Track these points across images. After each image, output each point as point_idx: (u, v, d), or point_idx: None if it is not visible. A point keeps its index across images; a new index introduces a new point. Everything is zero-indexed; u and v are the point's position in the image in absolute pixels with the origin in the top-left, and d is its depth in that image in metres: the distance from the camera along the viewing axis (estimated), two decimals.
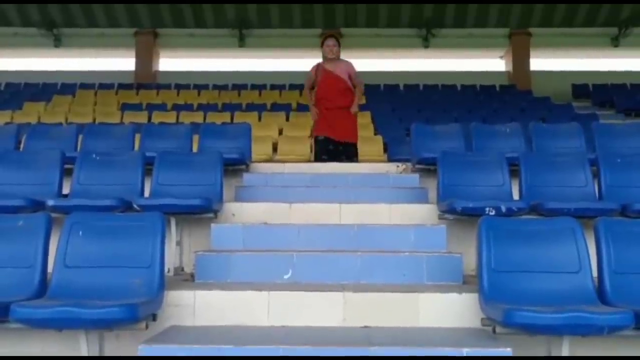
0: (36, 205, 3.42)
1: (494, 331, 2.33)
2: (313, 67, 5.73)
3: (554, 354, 2.30)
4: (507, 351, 2.11)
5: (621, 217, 3.38)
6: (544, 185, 3.81)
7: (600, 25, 14.35)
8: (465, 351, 2.14)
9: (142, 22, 14.28)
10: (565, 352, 2.24)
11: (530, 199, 3.60)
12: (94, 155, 3.96)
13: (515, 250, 2.56)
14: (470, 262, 3.29)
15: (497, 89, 13.39)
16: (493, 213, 3.29)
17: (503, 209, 3.31)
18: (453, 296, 2.68)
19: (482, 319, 2.46)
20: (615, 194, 3.68)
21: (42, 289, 2.49)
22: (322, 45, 5.67)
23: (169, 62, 14.95)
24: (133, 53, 14.48)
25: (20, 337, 2.56)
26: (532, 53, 14.57)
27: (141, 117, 9.18)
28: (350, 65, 5.66)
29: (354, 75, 5.61)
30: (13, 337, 2.54)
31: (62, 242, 2.57)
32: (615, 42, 14.66)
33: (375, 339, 2.34)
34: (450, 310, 2.65)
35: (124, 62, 14.55)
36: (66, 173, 4.09)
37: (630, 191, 3.68)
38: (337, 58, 5.63)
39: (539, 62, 14.59)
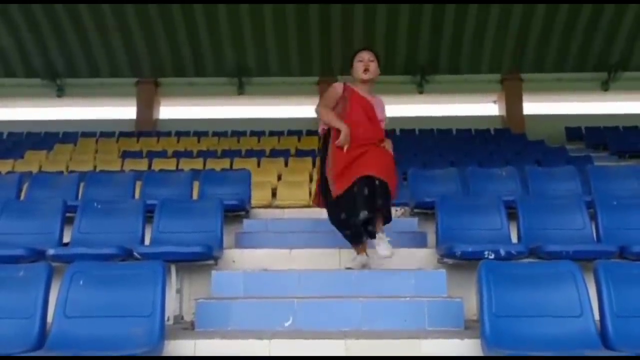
0: (36, 255, 3.43)
1: None
2: (339, 84, 3.74)
3: None
4: None
5: (620, 260, 3.40)
6: (542, 228, 3.83)
7: (591, 70, 14.69)
8: None
9: (143, 72, 14.60)
10: None
11: (528, 242, 3.63)
12: (95, 204, 3.99)
13: (516, 294, 2.56)
14: (470, 306, 3.29)
15: (492, 132, 13.58)
16: (492, 257, 3.31)
17: (502, 252, 3.33)
18: (455, 342, 2.66)
19: None
20: (613, 236, 3.71)
21: (41, 340, 2.47)
22: (351, 64, 3.77)
23: (170, 110, 15.19)
24: (134, 102, 14.73)
25: None
26: (524, 97, 14.86)
27: (142, 165, 9.26)
28: (381, 101, 3.89)
29: (385, 118, 3.86)
30: None
31: (63, 292, 2.57)
32: (605, 86, 14.98)
33: None
34: (453, 356, 2.63)
35: (125, 111, 14.78)
36: (67, 221, 4.11)
37: (628, 233, 3.71)
38: (373, 82, 3.77)
39: (532, 106, 14.87)
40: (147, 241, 3.91)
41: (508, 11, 13.47)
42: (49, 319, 2.55)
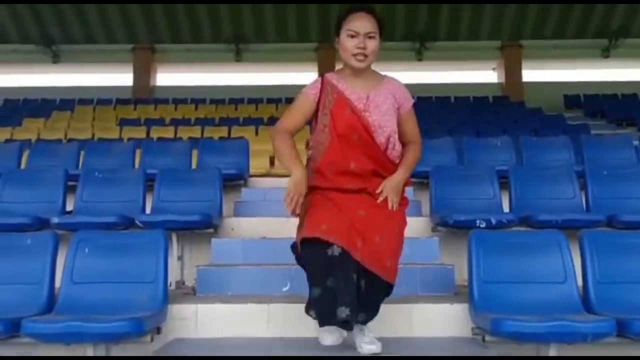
0: (41, 223, 3.53)
1: (483, 340, 2.43)
2: (314, 86, 2.41)
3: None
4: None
5: (607, 228, 3.51)
6: (533, 197, 3.93)
7: (591, 37, 14.58)
8: None
9: (139, 38, 14.45)
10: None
11: (519, 211, 3.73)
12: (96, 173, 4.07)
13: (504, 261, 2.67)
14: (462, 272, 3.40)
15: (491, 100, 13.57)
16: (484, 225, 3.42)
17: (493, 221, 3.43)
18: (445, 307, 2.79)
19: (472, 328, 2.57)
20: (602, 206, 3.81)
21: (50, 304, 2.59)
22: (337, 32, 2.43)
23: (167, 77, 15.10)
24: (131, 68, 14.64)
25: (28, 352, 2.65)
26: (524, 64, 14.79)
27: (139, 133, 9.29)
28: (398, 85, 2.51)
29: (405, 104, 2.48)
30: (22, 351, 2.63)
31: (69, 259, 2.67)
32: (605, 53, 14.89)
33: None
34: (443, 320, 2.75)
35: (121, 78, 14.69)
36: (69, 190, 4.20)
37: (617, 202, 3.81)
38: (369, 66, 2.42)
39: (531, 74, 14.81)
40: (147, 210, 4.01)
41: None
42: (57, 284, 2.66)
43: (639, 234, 2.80)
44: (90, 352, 2.38)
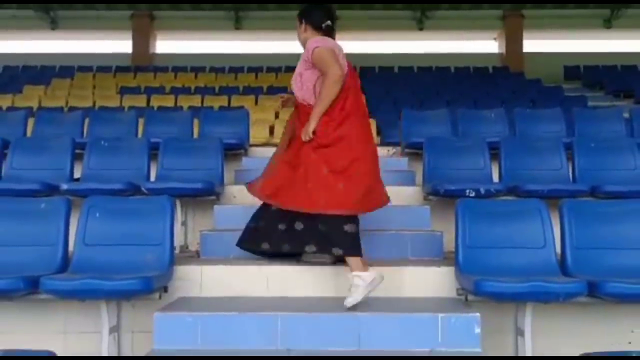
0: (51, 189, 3.70)
1: (466, 299, 2.64)
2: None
3: (519, 318, 2.61)
4: (476, 315, 2.42)
5: (591, 198, 3.68)
6: (522, 168, 4.09)
7: (593, 7, 14.49)
8: (440, 316, 2.45)
9: (138, 4, 14.36)
10: (528, 317, 2.55)
11: (508, 181, 3.90)
12: (102, 142, 4.23)
13: (488, 228, 2.86)
14: (451, 239, 3.59)
15: (490, 70, 13.60)
16: (473, 195, 3.59)
17: (482, 191, 3.60)
18: (433, 269, 2.99)
19: (457, 289, 2.77)
20: (588, 177, 3.98)
21: (64, 264, 2.79)
22: None
23: (166, 45, 15.08)
24: (130, 35, 14.61)
25: (44, 308, 2.86)
26: (525, 35, 14.75)
27: (140, 101, 9.40)
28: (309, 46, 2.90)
29: (306, 53, 2.90)
30: (39, 307, 2.84)
31: (82, 223, 2.86)
32: (607, 24, 14.85)
33: (363, 307, 2.64)
34: (431, 282, 2.95)
35: (120, 45, 14.68)
36: (75, 158, 4.36)
37: (601, 174, 3.97)
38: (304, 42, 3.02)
39: (532, 44, 14.79)
40: (152, 177, 4.17)
41: None
42: (70, 247, 2.85)
43: (614, 202, 2.99)
44: (103, 309, 2.58)
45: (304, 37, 2.99)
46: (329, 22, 2.99)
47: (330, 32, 2.99)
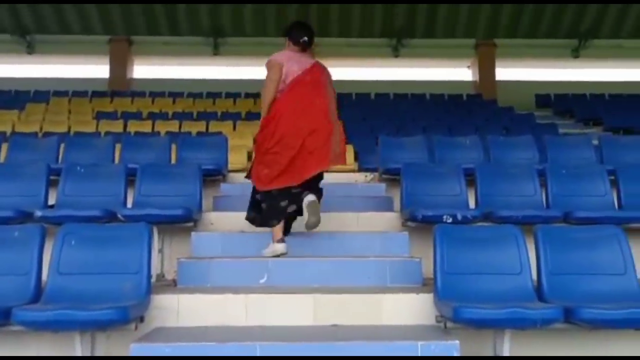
0: (24, 216, 3.63)
1: (445, 326, 2.65)
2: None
3: (498, 345, 2.63)
4: (455, 343, 2.43)
5: (564, 224, 3.76)
6: (497, 194, 4.17)
7: (562, 37, 14.99)
8: (420, 344, 2.45)
9: (116, 29, 14.36)
10: (507, 344, 2.57)
11: (484, 207, 3.96)
12: (78, 168, 4.17)
13: (466, 254, 2.89)
14: (430, 265, 3.62)
15: (464, 98, 13.89)
16: (450, 221, 3.63)
17: (459, 217, 3.65)
18: (412, 296, 2.99)
19: (436, 316, 2.78)
20: (560, 203, 4.07)
21: (37, 294, 2.72)
22: None
23: (143, 70, 15.04)
24: (107, 60, 14.54)
25: (17, 340, 2.77)
26: (497, 63, 15.15)
27: (117, 126, 9.31)
28: None
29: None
30: (11, 339, 2.75)
31: (56, 251, 2.80)
32: (575, 54, 15.34)
33: (343, 336, 2.63)
34: (410, 309, 2.96)
35: (97, 70, 14.59)
36: (50, 184, 4.29)
37: (573, 200, 4.07)
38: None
39: (504, 72, 15.18)
40: (129, 204, 4.13)
41: None
42: (44, 275, 2.79)
43: (588, 228, 3.05)
44: (77, 340, 2.52)
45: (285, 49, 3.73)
46: (305, 38, 3.65)
47: (305, 47, 3.68)
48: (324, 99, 3.59)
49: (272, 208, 3.50)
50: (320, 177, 3.66)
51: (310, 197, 3.43)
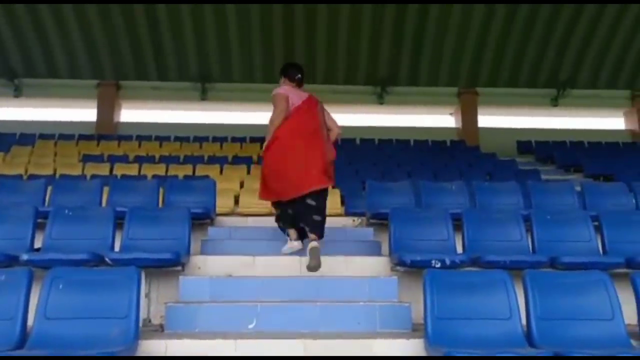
0: (10, 260, 3.57)
1: None
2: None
3: None
4: None
5: (550, 269, 3.80)
6: (484, 239, 4.22)
7: (541, 86, 15.48)
8: None
9: (104, 74, 14.51)
10: None
11: (471, 252, 4.00)
12: (66, 211, 4.14)
13: (456, 299, 2.91)
14: (419, 309, 3.62)
15: (448, 144, 14.15)
16: (439, 265, 3.66)
17: (447, 261, 3.68)
18: (402, 342, 2.99)
19: None
20: (546, 248, 4.13)
21: (22, 340, 2.65)
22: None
23: (131, 113, 15.12)
24: (94, 104, 14.61)
25: None
26: (479, 110, 15.53)
27: (103, 169, 9.29)
28: None
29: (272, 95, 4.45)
30: None
31: (43, 295, 2.75)
32: (554, 102, 15.82)
33: None
34: (400, 354, 2.94)
35: (85, 113, 14.63)
36: (37, 226, 4.24)
37: (559, 245, 4.13)
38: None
39: (486, 119, 15.56)
40: (116, 247, 4.09)
41: (465, 28, 14.09)
42: (30, 320, 2.73)
43: (575, 274, 3.10)
44: None
45: (281, 86, 4.37)
46: (299, 75, 4.46)
47: (300, 83, 4.45)
48: (317, 124, 4.27)
49: (283, 214, 4.19)
50: (324, 196, 4.13)
51: (313, 244, 3.85)
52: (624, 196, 5.63)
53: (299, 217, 4.05)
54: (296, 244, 4.19)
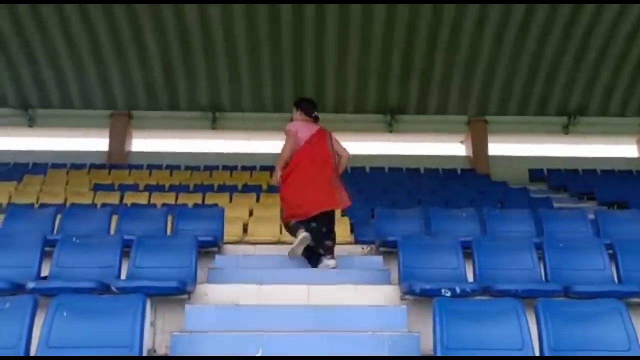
0: (17, 288, 3.56)
1: None
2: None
3: None
4: None
5: (564, 298, 3.71)
6: (495, 267, 4.14)
7: (552, 114, 15.43)
8: None
9: (117, 104, 14.73)
10: None
11: (482, 280, 3.92)
12: (74, 239, 4.14)
13: (466, 329, 2.83)
14: (429, 339, 3.53)
15: (458, 172, 14.09)
16: (449, 294, 3.58)
17: (457, 290, 3.60)
18: None
19: None
20: (559, 276, 4.04)
21: None
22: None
23: (142, 143, 15.27)
24: (106, 133, 14.79)
25: None
26: (489, 138, 15.48)
27: (113, 198, 9.33)
28: None
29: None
30: None
31: (47, 323, 2.72)
32: (565, 130, 15.76)
33: None
34: None
35: (96, 143, 14.81)
36: (44, 254, 4.23)
37: (572, 273, 4.04)
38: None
39: (497, 147, 15.50)
40: (123, 275, 4.06)
41: (474, 57, 14.17)
42: (33, 348, 2.69)
43: (589, 303, 3.01)
44: None
45: (294, 118, 4.86)
46: (316, 113, 4.87)
47: (316, 119, 4.85)
48: (327, 154, 4.68)
49: (298, 223, 4.55)
50: (332, 220, 4.65)
51: (330, 262, 4.44)
52: (638, 224, 5.52)
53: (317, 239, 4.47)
54: (304, 234, 4.37)
